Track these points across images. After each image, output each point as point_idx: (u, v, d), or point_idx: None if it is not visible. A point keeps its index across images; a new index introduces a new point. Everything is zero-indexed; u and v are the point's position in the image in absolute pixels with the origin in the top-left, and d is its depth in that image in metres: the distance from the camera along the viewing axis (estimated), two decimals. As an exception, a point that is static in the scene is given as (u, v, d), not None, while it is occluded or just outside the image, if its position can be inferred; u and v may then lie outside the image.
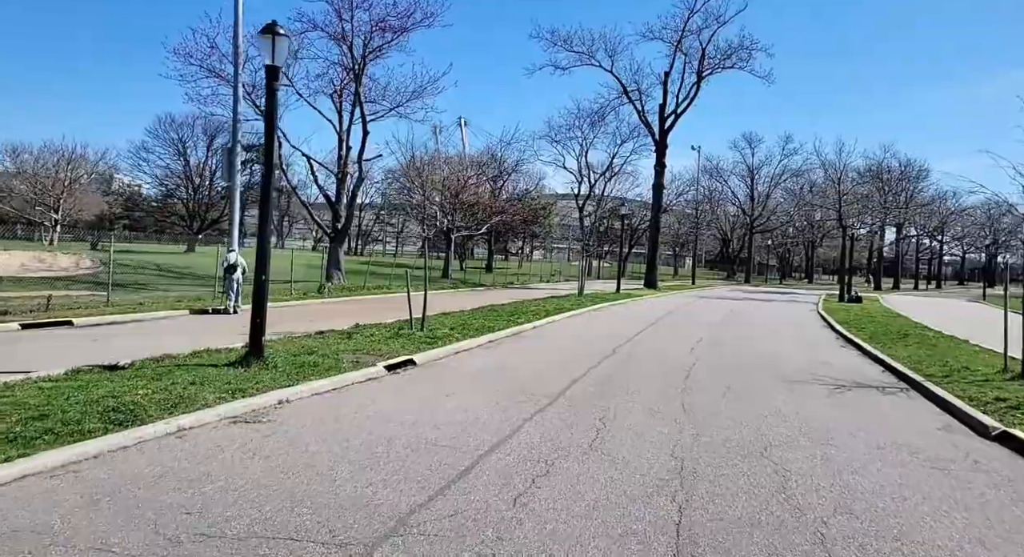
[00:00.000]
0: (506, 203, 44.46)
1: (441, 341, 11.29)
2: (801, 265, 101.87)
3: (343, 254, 24.85)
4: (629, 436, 5.99)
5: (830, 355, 13.00)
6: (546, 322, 16.46)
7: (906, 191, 65.13)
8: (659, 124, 39.75)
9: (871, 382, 9.87)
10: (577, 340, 13.46)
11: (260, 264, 8.01)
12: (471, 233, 39.88)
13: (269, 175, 8.00)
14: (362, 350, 9.80)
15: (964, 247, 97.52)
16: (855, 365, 11.75)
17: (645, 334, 15.07)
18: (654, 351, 12.16)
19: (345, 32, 20.52)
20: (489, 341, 12.45)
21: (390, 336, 11.41)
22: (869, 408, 7.88)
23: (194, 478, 4.33)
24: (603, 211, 60.26)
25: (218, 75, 20.28)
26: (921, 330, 17.98)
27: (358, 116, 22.88)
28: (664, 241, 74.79)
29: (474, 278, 36.91)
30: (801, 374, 10.28)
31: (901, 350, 13.31)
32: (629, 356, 11.35)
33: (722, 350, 12.77)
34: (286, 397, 6.66)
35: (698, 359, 11.36)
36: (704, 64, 37.72)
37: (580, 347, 12.31)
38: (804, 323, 20.55)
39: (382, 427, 5.88)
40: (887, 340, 15.08)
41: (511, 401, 7.26)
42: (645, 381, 8.94)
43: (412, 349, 10.19)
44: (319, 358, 8.73)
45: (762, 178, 75.27)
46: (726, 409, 7.36)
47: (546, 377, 8.90)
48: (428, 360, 9.81)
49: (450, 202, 34.31)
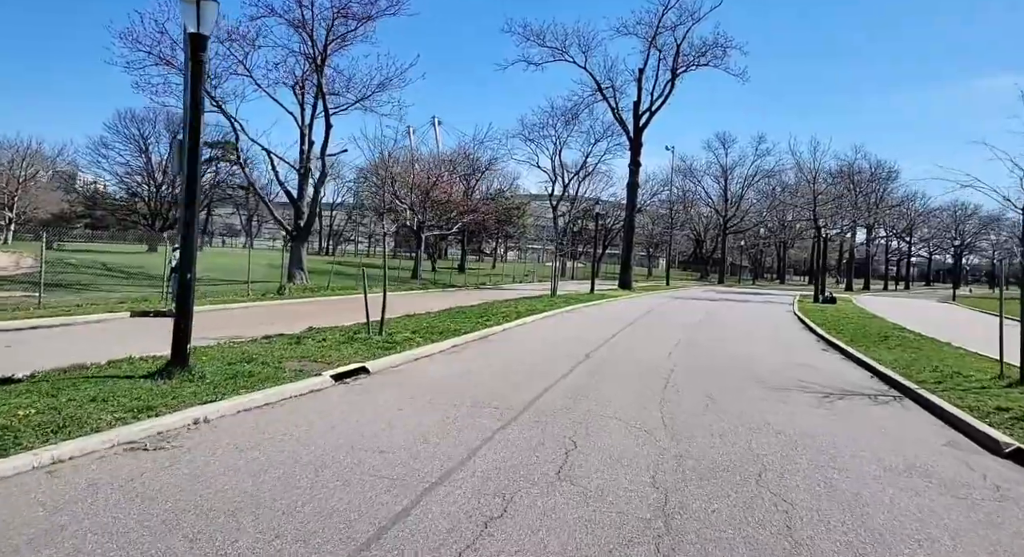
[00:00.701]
0: (479, 202, 43.49)
1: (400, 346, 10.37)
2: (773, 266, 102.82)
3: (305, 253, 23.66)
4: (603, 459, 5.16)
5: (813, 358, 12.39)
6: (516, 324, 15.62)
7: (876, 192, 65.86)
8: (633, 122, 39.19)
9: (861, 389, 9.22)
10: (548, 344, 12.64)
11: (184, 261, 7.00)
12: (442, 232, 38.88)
13: (195, 161, 7.00)
14: (310, 357, 8.83)
15: (931, 248, 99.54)
16: (840, 370, 11.13)
17: (620, 337, 14.32)
18: (630, 355, 11.39)
19: (305, 19, 19.43)
20: (453, 346, 11.56)
21: (344, 341, 10.44)
22: (865, 419, 7.18)
23: (31, 537, 3.31)
24: (577, 211, 59.72)
25: (168, 63, 19.02)
26: (900, 332, 17.59)
27: (321, 109, 21.81)
28: (638, 242, 74.63)
29: (446, 279, 35.92)
30: (786, 380, 9.61)
31: (885, 353, 12.78)
32: (603, 361, 10.56)
33: (701, 354, 12.07)
34: (205, 415, 5.69)
35: (676, 364, 10.62)
36: (679, 61, 37.31)
37: (551, 351, 11.49)
38: (782, 325, 20.05)
39: (312, 452, 4.96)
40: (868, 342, 14.58)
41: (471, 416, 6.40)
42: (621, 390, 8.14)
43: (366, 355, 9.25)
44: (258, 367, 7.75)
45: (735, 178, 75.62)
46: (711, 422, 6.60)
47: (512, 386, 8.06)
48: (383, 368, 8.89)
49: (420, 200, 33.27)
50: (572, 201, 59.36)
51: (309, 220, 22.93)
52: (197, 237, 17.61)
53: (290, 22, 19.49)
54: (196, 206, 6.96)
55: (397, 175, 33.16)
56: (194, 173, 6.92)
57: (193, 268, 6.97)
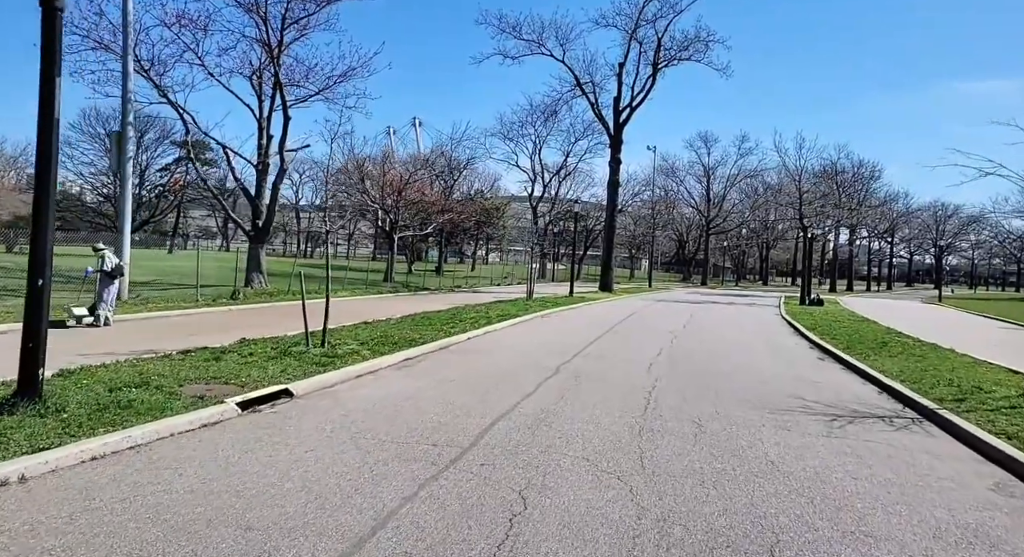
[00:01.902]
0: (456, 202, 42.02)
1: (341, 361, 8.94)
2: (755, 267, 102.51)
3: (264, 255, 22.01)
4: (560, 529, 3.80)
5: (811, 370, 11.15)
6: (483, 332, 14.23)
7: (858, 193, 65.45)
8: (613, 118, 37.91)
9: (872, 409, 7.97)
10: (516, 354, 11.27)
11: (35, 264, 5.46)
12: (416, 233, 37.34)
13: (49, 141, 5.48)
14: (222, 378, 7.37)
15: (912, 249, 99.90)
16: (843, 384, 9.89)
17: (597, 346, 12.99)
18: (606, 369, 10.06)
19: (258, 1, 17.83)
20: (406, 359, 10.15)
21: (275, 355, 8.97)
22: (886, 453, 5.91)
23: None
24: (558, 212, 58.55)
25: (107, 48, 17.36)
26: (896, 336, 16.50)
27: (280, 101, 20.20)
28: (620, 243, 73.69)
29: (421, 282, 34.41)
30: (785, 398, 8.34)
31: (888, 362, 11.61)
32: (575, 377, 9.21)
33: (686, 366, 10.77)
34: (23, 471, 4.22)
35: (658, 379, 9.31)
36: (660, 55, 36.05)
37: (517, 364, 10.12)
38: (772, 330, 18.88)
39: (143, 535, 3.52)
40: (866, 350, 13.42)
41: (398, 459, 5.01)
42: (592, 417, 6.79)
43: (295, 374, 7.81)
44: (146, 393, 6.28)
45: (718, 178, 74.96)
46: (701, 463, 5.27)
47: (462, 411, 6.68)
48: (312, 389, 7.46)
49: (392, 199, 31.74)
50: (553, 202, 58.21)
51: (268, 219, 21.25)
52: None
53: (240, 4, 17.95)
54: (51, 192, 5.44)
55: (368, 173, 31.62)
56: (48, 152, 5.41)
57: (46, 272, 5.46)
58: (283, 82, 19.77)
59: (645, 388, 8.63)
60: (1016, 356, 13.34)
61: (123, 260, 16.27)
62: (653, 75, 36.57)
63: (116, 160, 16.39)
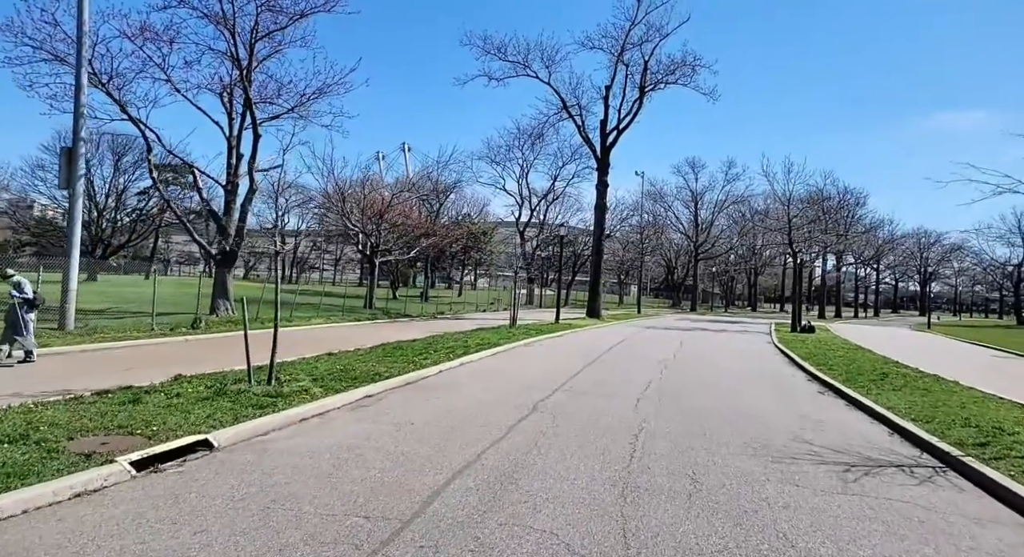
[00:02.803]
0: (437, 225, 41.11)
1: (285, 401, 7.84)
2: (743, 293, 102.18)
3: (232, 280, 20.81)
4: None
5: (812, 407, 10.17)
6: (459, 363, 13.17)
7: (845, 219, 65.45)
8: (600, 140, 37.34)
9: (887, 455, 6.99)
10: (490, 389, 10.21)
11: None
12: (397, 258, 36.27)
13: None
14: (130, 427, 6.24)
15: (896, 275, 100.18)
16: (849, 423, 8.91)
17: (580, 378, 11.96)
18: (588, 406, 9.03)
19: (226, 13, 17.00)
20: (365, 396, 9.06)
21: (208, 396, 7.86)
22: (917, 518, 4.91)
23: None
24: (546, 236, 57.87)
25: (62, 60, 16.35)
26: (895, 367, 15.62)
27: (251, 118, 19.25)
28: (609, 268, 73.07)
29: (403, 308, 33.27)
30: (788, 442, 7.36)
31: (893, 397, 10.68)
32: (553, 417, 8.17)
33: (677, 402, 9.77)
34: None
35: (647, 420, 8.29)
36: (647, 78, 35.65)
37: (490, 402, 9.06)
38: (766, 359, 17.94)
39: None
40: (867, 382, 12.51)
41: (310, 545, 3.92)
42: (568, 470, 5.76)
43: (224, 419, 6.71)
44: (16, 451, 5.16)
45: (705, 204, 74.82)
46: (697, 539, 4.25)
47: (413, 468, 5.62)
48: (239, 439, 6.36)
49: (373, 222, 30.76)
50: (540, 226, 57.57)
51: (236, 242, 20.17)
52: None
53: (206, 15, 17.10)
54: None
55: (349, 196, 30.68)
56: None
57: None
58: (253, 99, 18.87)
59: (631, 430, 7.62)
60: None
61: (70, 285, 15.14)
62: (640, 98, 36.21)
63: (65, 177, 15.33)
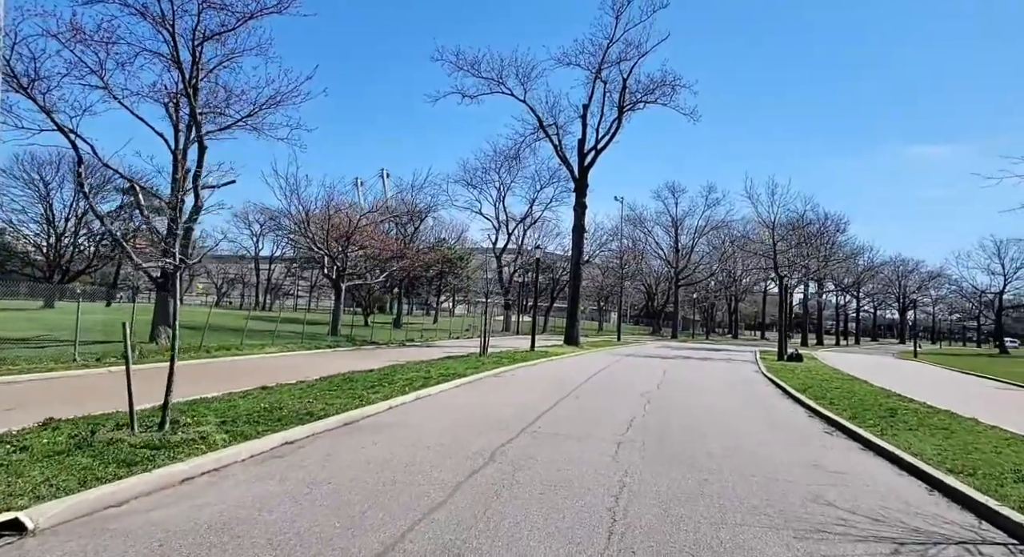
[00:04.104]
0: (414, 251, 39.47)
1: (170, 454, 6.11)
2: (724, 320, 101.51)
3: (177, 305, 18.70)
4: None
5: (824, 453, 8.63)
6: (414, 397, 11.47)
7: (825, 245, 65.10)
8: (578, 161, 36.12)
9: (938, 526, 5.46)
10: (442, 432, 8.52)
11: None
12: (367, 282, 34.49)
13: None
14: (-77, 495, 4.50)
15: (875, 303, 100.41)
16: (874, 475, 7.38)
17: (552, 417, 10.32)
18: (558, 454, 7.40)
19: (164, 12, 15.45)
20: (284, 443, 7.35)
21: (67, 448, 6.10)
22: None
23: None
24: (525, 261, 56.51)
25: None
26: (900, 401, 14.25)
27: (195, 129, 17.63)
28: (588, 294, 71.82)
29: (372, 334, 31.38)
30: (808, 505, 5.81)
31: (912, 439, 9.26)
32: (512, 472, 6.53)
33: (665, 449, 8.18)
34: None
35: (629, 475, 6.69)
36: (625, 97, 34.68)
37: (438, 449, 7.40)
38: (759, 392, 16.44)
39: None
40: (876, 419, 11.09)
41: None
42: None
43: (67, 485, 4.99)
44: None
45: (686, 229, 74.26)
46: None
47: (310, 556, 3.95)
48: (78, 514, 4.64)
49: (340, 244, 29.06)
50: (518, 251, 56.26)
51: (180, 264, 18.22)
52: None
53: (140, 12, 15.52)
54: None
55: (313, 217, 29.03)
56: None
57: None
58: (199, 108, 17.26)
59: (611, 491, 6.01)
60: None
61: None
62: (619, 117, 35.23)
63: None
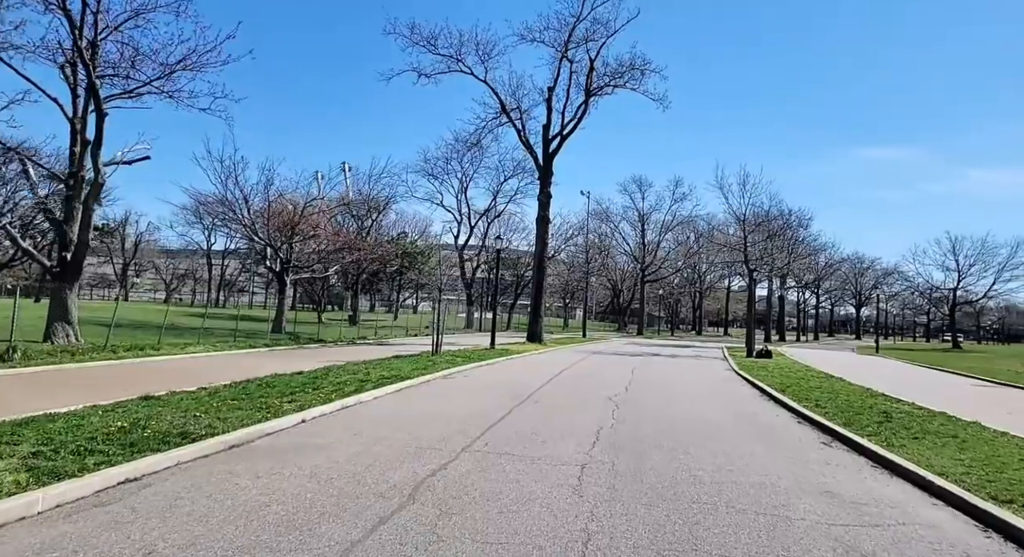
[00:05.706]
0: (367, 243, 37.25)
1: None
2: (688, 317, 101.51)
3: (75, 299, 16.29)
4: None
5: (834, 475, 7.06)
6: (339, 407, 9.59)
7: (788, 242, 65.02)
8: (543, 147, 34.40)
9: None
10: (358, 459, 6.65)
11: None
12: (314, 275, 32.22)
13: None
14: None
15: (832, 299, 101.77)
16: (907, 511, 5.82)
17: (501, 430, 8.58)
18: (504, 488, 5.66)
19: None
20: (123, 481, 5.42)
21: None
22: None
23: None
24: (488, 256, 54.73)
25: None
26: (889, 402, 13.02)
27: (107, 96, 15.17)
28: (553, 290, 70.42)
29: (319, 332, 29.20)
30: (823, 549, 4.20)
31: (923, 450, 7.93)
32: (437, 517, 4.77)
33: (639, 470, 6.52)
34: None
35: (596, 515, 5.00)
36: (592, 80, 33.05)
37: (341, 488, 5.57)
38: (735, 393, 15.01)
39: None
40: (872, 425, 9.79)
41: None
42: None
43: None
44: None
45: (652, 225, 73.44)
46: None
47: None
48: None
49: (284, 235, 26.81)
50: (481, 247, 54.48)
51: (78, 251, 15.80)
52: None
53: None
54: None
55: (252, 204, 26.73)
56: None
57: None
58: (99, 68, 14.91)
59: (573, 540, 4.30)
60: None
61: None
62: (586, 101, 33.57)
63: None
